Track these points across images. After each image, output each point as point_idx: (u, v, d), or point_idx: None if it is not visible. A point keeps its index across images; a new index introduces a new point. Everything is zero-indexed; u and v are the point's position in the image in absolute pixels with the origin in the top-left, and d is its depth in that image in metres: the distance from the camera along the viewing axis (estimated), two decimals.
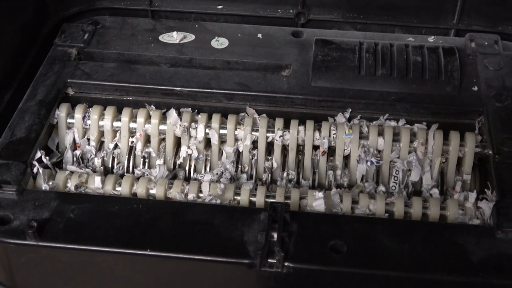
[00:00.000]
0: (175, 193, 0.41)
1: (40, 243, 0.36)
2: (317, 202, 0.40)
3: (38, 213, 0.38)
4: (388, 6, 0.52)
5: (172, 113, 0.45)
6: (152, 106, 0.46)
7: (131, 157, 0.45)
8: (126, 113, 0.45)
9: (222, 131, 0.44)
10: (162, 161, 0.45)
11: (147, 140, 0.45)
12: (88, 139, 0.45)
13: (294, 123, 0.44)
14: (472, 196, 0.41)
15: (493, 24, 0.52)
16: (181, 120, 0.45)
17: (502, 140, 0.43)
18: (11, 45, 0.48)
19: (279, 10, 0.53)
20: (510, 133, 0.43)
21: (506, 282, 0.35)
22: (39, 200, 0.39)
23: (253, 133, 0.44)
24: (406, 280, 0.36)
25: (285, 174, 0.45)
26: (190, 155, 0.45)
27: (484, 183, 0.43)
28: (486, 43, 0.50)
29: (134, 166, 0.45)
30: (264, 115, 0.45)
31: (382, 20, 0.52)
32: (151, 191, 0.41)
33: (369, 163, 0.44)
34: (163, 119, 0.45)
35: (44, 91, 0.46)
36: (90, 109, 0.45)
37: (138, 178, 0.42)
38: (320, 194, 0.41)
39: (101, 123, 0.45)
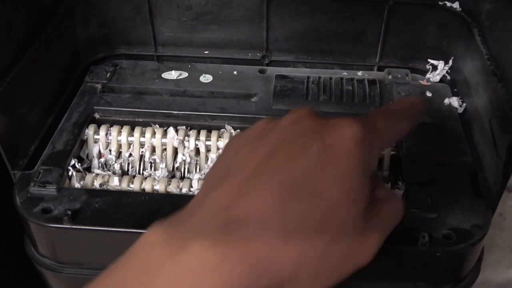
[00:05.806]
0: (173, 188, 0.42)
1: (73, 226, 0.38)
2: None
3: (72, 205, 0.39)
4: (329, 50, 0.53)
5: (171, 130, 0.46)
6: (156, 125, 0.47)
7: (141, 162, 0.46)
8: (137, 131, 0.46)
9: (207, 143, 0.46)
10: (164, 165, 0.46)
11: (153, 150, 0.46)
12: (110, 150, 0.47)
13: None
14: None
15: (405, 62, 0.54)
16: (177, 135, 0.46)
17: (410, 145, 0.44)
18: (54, 82, 0.50)
19: (249, 54, 0.54)
20: (416, 140, 0.45)
21: (411, 248, 0.37)
22: (73, 195, 0.40)
23: None
24: None
25: None
26: (184, 161, 0.46)
27: (397, 177, 0.44)
28: (399, 76, 0.52)
29: (144, 169, 0.46)
30: (239, 130, 0.47)
31: (325, 60, 0.53)
32: (155, 187, 0.43)
33: None
34: (165, 134, 0.46)
35: (77, 116, 0.47)
36: (111, 128, 0.47)
37: (146, 178, 0.43)
38: None
39: (119, 138, 0.46)
